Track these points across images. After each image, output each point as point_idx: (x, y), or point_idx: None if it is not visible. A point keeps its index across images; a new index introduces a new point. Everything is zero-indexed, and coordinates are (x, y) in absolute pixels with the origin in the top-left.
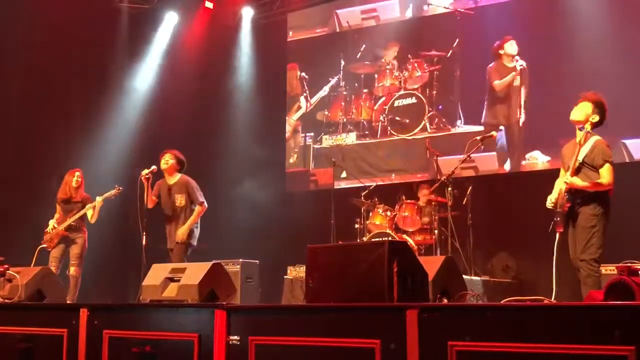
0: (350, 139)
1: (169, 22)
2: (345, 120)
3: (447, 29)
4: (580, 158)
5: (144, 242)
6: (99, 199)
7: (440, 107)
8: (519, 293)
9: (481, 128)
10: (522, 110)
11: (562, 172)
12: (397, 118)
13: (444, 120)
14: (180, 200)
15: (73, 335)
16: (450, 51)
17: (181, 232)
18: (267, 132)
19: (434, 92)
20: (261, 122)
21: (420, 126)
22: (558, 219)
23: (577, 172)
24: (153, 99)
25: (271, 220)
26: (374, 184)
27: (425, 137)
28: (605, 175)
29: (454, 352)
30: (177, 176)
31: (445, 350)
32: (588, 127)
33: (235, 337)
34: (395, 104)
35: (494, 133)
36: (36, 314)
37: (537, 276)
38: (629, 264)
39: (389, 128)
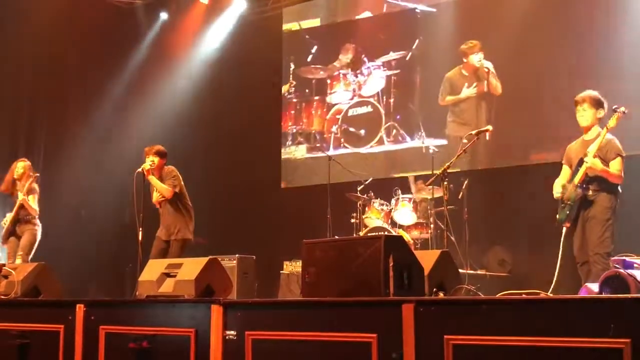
0: (300, 152)
1: (161, 18)
2: (295, 130)
3: (407, 28)
4: (594, 148)
5: (140, 238)
6: (20, 195)
7: (398, 116)
8: (515, 287)
9: (444, 142)
10: (489, 122)
11: (564, 169)
12: (351, 129)
13: (402, 131)
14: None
15: (69, 331)
16: (410, 53)
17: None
18: (262, 125)
19: (392, 99)
20: (256, 117)
21: (377, 138)
22: (567, 213)
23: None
24: (144, 94)
25: (267, 215)
26: (370, 178)
27: (382, 151)
28: (616, 167)
29: (451, 346)
30: (165, 169)
31: (441, 344)
32: (613, 121)
33: (232, 332)
34: (350, 114)
35: (489, 127)
36: (32, 310)
37: (532, 270)
38: (624, 257)
39: (342, 140)
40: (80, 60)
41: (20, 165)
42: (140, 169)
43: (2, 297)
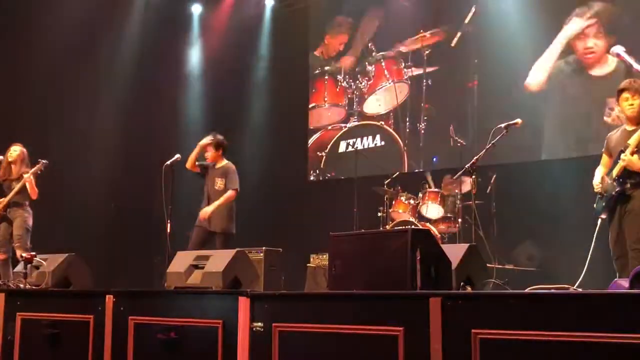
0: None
1: (194, 12)
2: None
3: None
4: (634, 141)
5: (168, 230)
6: (26, 175)
7: (434, 159)
8: (544, 282)
9: None
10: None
11: (604, 159)
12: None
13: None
14: (219, 184)
15: (99, 322)
16: (459, 34)
17: (206, 210)
18: (290, 120)
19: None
20: (284, 111)
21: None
22: (603, 205)
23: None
24: (178, 87)
25: (294, 209)
26: (397, 172)
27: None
28: None
29: (478, 340)
30: (224, 161)
31: (469, 338)
32: None
33: (259, 324)
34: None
35: (518, 120)
36: (63, 300)
37: (561, 264)
38: None
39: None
40: (108, 54)
41: (14, 149)
42: (168, 162)
43: (34, 287)
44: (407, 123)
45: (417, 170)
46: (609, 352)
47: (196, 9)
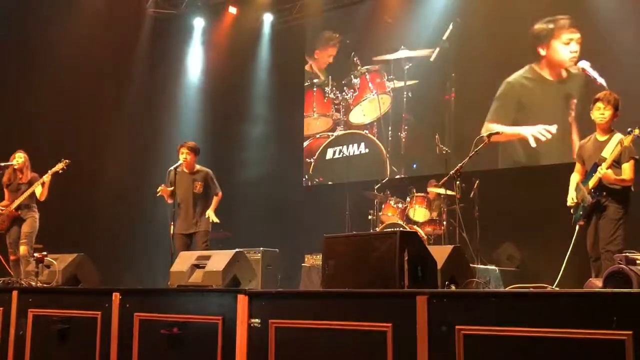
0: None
1: (196, 26)
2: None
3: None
4: (611, 155)
5: (172, 231)
6: (46, 174)
7: (414, 165)
8: (523, 281)
9: None
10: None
11: (577, 167)
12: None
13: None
14: (199, 187)
15: (106, 318)
16: (437, 49)
17: (213, 216)
18: (286, 128)
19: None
20: (280, 120)
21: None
22: (581, 213)
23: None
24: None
25: (290, 212)
26: (386, 178)
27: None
28: (627, 171)
29: (462, 336)
30: (198, 166)
31: (453, 333)
32: (627, 140)
33: (257, 320)
34: (327, 156)
35: (499, 131)
36: (72, 297)
37: (540, 265)
38: (626, 254)
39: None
40: (116, 63)
41: (19, 156)
42: (172, 168)
43: (45, 285)
44: (390, 132)
45: (399, 177)
46: (584, 347)
47: (199, 23)
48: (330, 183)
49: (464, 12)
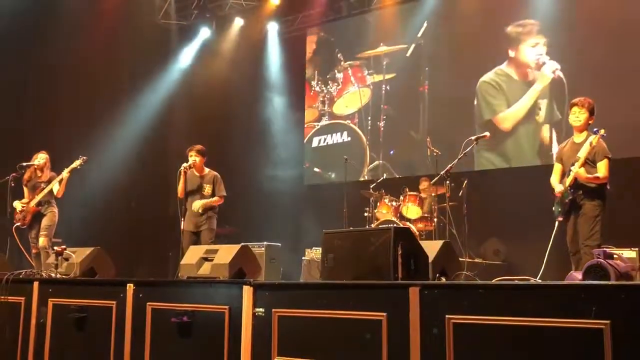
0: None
1: (203, 35)
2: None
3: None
4: (583, 155)
5: (182, 227)
6: (65, 171)
7: (391, 151)
8: (508, 274)
9: None
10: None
11: (556, 167)
12: (315, 169)
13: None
14: (207, 189)
15: (121, 307)
16: (412, 45)
17: (199, 203)
18: (288, 132)
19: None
20: (283, 124)
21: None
22: (560, 209)
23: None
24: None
25: (292, 209)
26: (382, 177)
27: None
28: (602, 169)
29: (451, 324)
30: (207, 169)
31: (443, 322)
32: (603, 131)
33: (261, 310)
34: (314, 143)
35: (487, 133)
36: (89, 288)
37: (524, 259)
38: (604, 249)
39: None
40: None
41: (41, 156)
42: (182, 168)
43: (64, 276)
44: (369, 121)
45: (393, 177)
46: (565, 335)
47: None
48: (316, 169)
49: (438, 12)
